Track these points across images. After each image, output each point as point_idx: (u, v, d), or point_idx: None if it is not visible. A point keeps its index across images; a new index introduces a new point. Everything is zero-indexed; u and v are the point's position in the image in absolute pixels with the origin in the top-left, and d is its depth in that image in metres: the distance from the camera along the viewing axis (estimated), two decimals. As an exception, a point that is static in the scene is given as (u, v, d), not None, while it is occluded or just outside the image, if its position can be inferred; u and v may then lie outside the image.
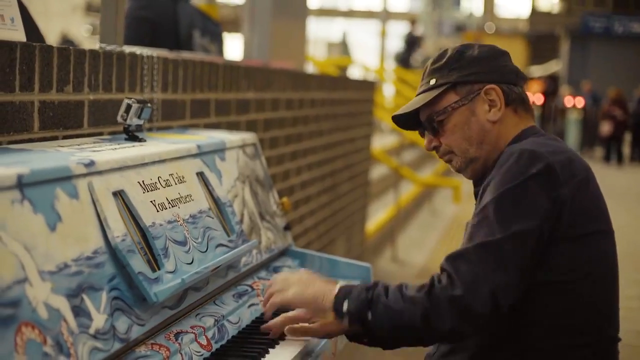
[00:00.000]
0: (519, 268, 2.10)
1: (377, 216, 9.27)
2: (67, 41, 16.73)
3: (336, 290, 2.23)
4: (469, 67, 2.38)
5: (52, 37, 16.11)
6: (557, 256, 2.17)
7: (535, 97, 25.19)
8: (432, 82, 2.41)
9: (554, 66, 32.14)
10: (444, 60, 2.42)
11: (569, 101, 24.03)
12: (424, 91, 2.43)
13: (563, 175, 2.16)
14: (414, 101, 2.45)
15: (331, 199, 6.01)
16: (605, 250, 2.26)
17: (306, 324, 2.29)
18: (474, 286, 2.06)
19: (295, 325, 2.30)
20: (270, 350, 2.31)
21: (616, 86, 23.27)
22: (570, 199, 2.15)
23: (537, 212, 2.12)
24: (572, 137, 22.95)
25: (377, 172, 10.08)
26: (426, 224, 11.19)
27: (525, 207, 2.13)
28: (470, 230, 2.18)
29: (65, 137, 2.57)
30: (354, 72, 19.01)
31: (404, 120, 2.50)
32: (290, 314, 2.32)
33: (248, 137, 3.16)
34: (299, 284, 2.31)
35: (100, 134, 2.76)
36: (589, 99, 23.62)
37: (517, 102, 2.38)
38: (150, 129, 3.04)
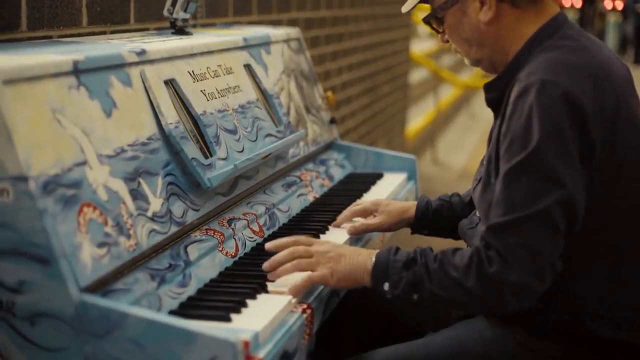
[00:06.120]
0: (570, 225, 1.86)
1: (417, 119, 9.26)
2: None
3: (370, 267, 1.98)
4: None
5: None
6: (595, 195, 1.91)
7: (574, 0, 24.79)
8: None
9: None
10: None
11: (608, 4, 23.62)
12: None
13: (591, 109, 1.86)
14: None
15: (371, 101, 6.01)
16: None
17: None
18: (533, 266, 1.82)
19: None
20: (321, 235, 2.36)
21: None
22: (600, 141, 1.88)
23: (574, 161, 1.85)
24: (611, 41, 22.62)
25: (417, 75, 10.04)
26: (465, 127, 11.18)
27: (561, 162, 1.84)
28: (502, 191, 1.88)
29: (112, 32, 2.60)
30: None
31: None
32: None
33: (292, 31, 3.17)
34: (326, 257, 2.02)
35: (146, 29, 2.78)
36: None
37: None
38: (194, 26, 3.05)
